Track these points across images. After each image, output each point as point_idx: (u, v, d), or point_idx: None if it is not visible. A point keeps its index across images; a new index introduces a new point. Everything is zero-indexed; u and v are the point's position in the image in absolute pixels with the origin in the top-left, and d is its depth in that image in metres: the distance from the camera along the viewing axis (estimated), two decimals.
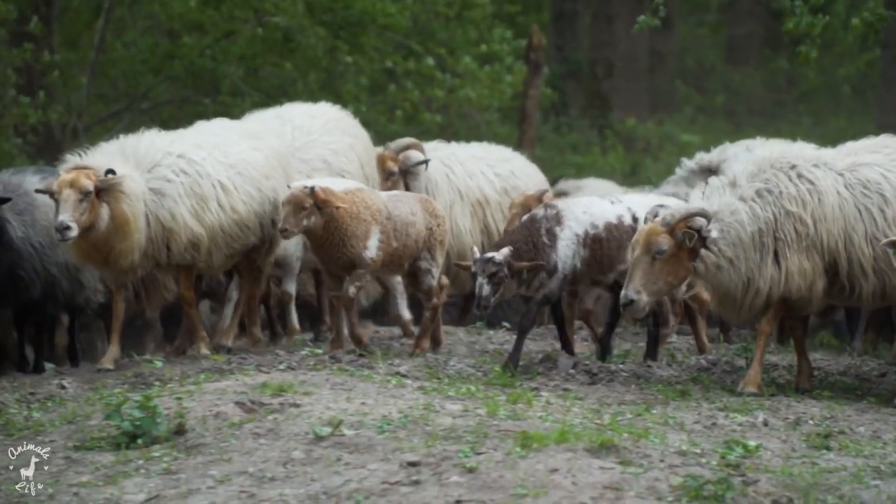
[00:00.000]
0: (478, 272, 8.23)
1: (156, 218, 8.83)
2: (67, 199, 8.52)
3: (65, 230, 8.47)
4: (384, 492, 5.91)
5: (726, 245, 7.99)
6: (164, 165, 8.94)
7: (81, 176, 8.59)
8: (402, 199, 9.25)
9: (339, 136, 10.36)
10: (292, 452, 6.37)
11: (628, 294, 7.92)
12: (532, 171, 12.24)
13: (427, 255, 9.17)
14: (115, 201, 8.65)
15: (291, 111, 10.59)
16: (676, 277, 8.04)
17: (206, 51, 17.40)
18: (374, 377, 7.75)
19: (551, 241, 8.46)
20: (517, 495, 5.79)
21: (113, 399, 7.21)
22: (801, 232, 8.02)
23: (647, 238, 7.98)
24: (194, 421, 6.83)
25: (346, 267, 8.90)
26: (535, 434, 6.38)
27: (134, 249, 8.76)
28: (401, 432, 6.56)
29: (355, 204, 8.82)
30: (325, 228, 8.73)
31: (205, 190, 9.00)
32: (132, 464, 6.44)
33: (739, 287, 8.04)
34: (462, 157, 11.67)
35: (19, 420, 7.38)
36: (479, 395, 7.42)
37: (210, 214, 8.98)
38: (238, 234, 9.16)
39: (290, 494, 5.95)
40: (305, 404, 6.97)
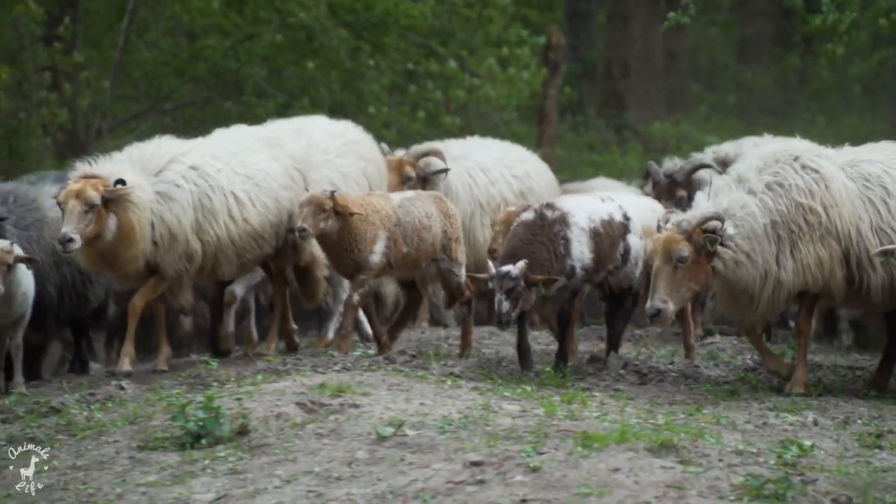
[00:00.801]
0: (495, 288, 8.16)
1: (161, 221, 8.82)
2: (72, 210, 8.51)
3: (67, 242, 8.47)
4: (450, 491, 6.01)
5: (742, 239, 8.05)
6: (173, 170, 8.92)
7: (88, 187, 8.56)
8: (416, 203, 9.31)
9: (354, 159, 10.36)
10: (356, 452, 6.47)
11: (655, 304, 7.96)
12: (544, 170, 12.41)
13: (444, 255, 9.28)
14: (122, 211, 8.63)
15: (312, 126, 10.57)
16: (698, 282, 8.09)
17: (230, 52, 17.48)
18: (429, 378, 7.87)
19: (566, 247, 8.41)
20: (581, 494, 5.89)
21: (173, 400, 7.32)
22: (812, 222, 8.10)
23: (667, 246, 8.01)
24: (256, 421, 6.94)
25: (351, 271, 9.06)
26: (596, 434, 6.49)
27: (138, 257, 8.77)
28: (462, 432, 6.67)
29: (365, 208, 8.97)
30: (339, 233, 8.87)
31: (214, 203, 8.99)
32: (198, 464, 6.55)
33: (758, 281, 8.09)
34: (484, 163, 11.80)
35: (81, 420, 7.50)
36: (535, 395, 7.52)
37: (217, 228, 8.97)
38: (251, 246, 9.16)
39: (357, 494, 6.05)
40: (365, 405, 7.08)
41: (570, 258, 8.37)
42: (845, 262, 8.17)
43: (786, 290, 8.13)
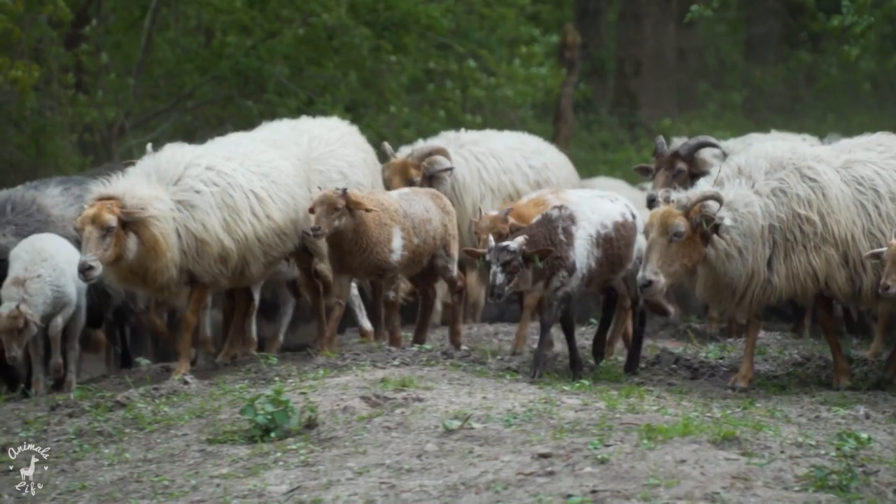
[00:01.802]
0: (492, 260, 8.04)
1: (187, 230, 8.74)
2: (90, 237, 8.37)
3: (87, 270, 8.35)
4: (521, 482, 6.15)
5: (738, 235, 8.16)
6: (191, 176, 8.87)
7: (104, 211, 8.39)
8: (414, 198, 9.42)
9: (354, 149, 10.44)
10: (425, 445, 6.61)
11: (646, 275, 8.06)
12: (563, 162, 12.28)
13: (443, 251, 9.43)
14: (143, 227, 8.53)
15: (308, 123, 10.64)
16: (691, 259, 8.16)
17: (252, 50, 17.59)
18: (487, 372, 8.01)
19: (568, 239, 8.34)
20: (650, 485, 6.03)
21: (237, 394, 7.45)
22: (807, 231, 8.22)
23: (664, 220, 8.12)
24: (323, 415, 7.08)
25: (370, 272, 9.14)
26: (659, 427, 6.64)
27: (169, 266, 8.67)
28: (527, 425, 6.81)
29: (376, 207, 9.02)
30: (355, 232, 8.92)
31: (237, 201, 8.93)
32: (269, 456, 6.69)
33: (742, 279, 8.20)
34: (497, 150, 11.67)
35: (147, 414, 7.63)
36: (593, 389, 7.67)
37: (243, 226, 8.92)
38: (276, 243, 9.14)
39: (429, 486, 6.19)
40: (428, 399, 7.23)
41: (572, 252, 8.30)
42: (845, 264, 8.29)
43: (777, 294, 8.27)
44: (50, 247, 9.22)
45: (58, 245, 9.30)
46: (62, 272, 9.15)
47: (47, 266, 9.08)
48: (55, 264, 9.12)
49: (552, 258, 8.20)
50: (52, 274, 9.09)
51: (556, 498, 5.94)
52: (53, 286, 9.11)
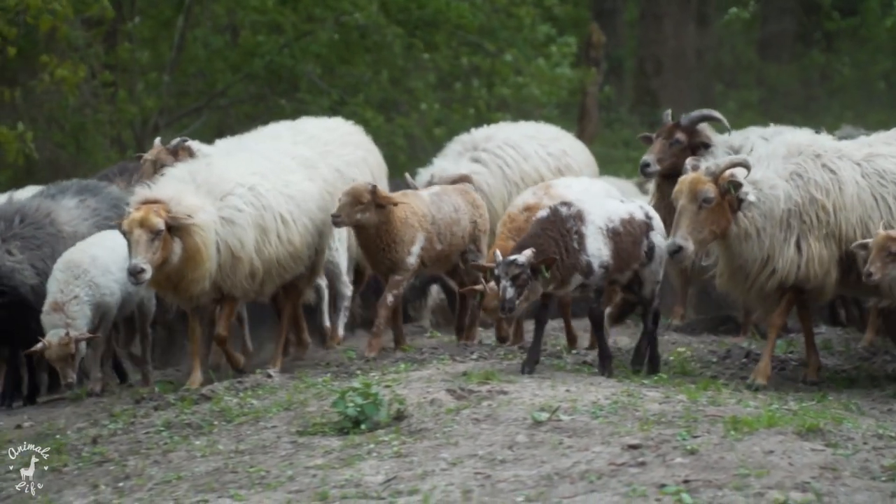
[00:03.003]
0: (501, 275, 7.99)
1: (226, 245, 8.76)
2: (139, 240, 8.37)
3: (139, 273, 8.36)
4: (613, 472, 6.30)
5: (759, 214, 8.26)
6: (237, 195, 8.90)
7: (151, 214, 8.41)
8: (444, 198, 9.50)
9: (353, 149, 10.53)
10: (516, 436, 6.76)
11: (677, 241, 8.13)
12: (581, 148, 12.27)
13: (473, 246, 9.53)
14: (187, 234, 8.54)
15: (306, 123, 10.75)
16: (719, 227, 8.22)
17: (285, 49, 17.76)
18: (564, 366, 8.17)
19: (580, 242, 8.22)
20: (740, 475, 6.17)
21: (320, 387, 7.60)
22: (822, 219, 8.32)
23: (693, 186, 8.20)
24: (411, 407, 7.24)
25: (387, 270, 9.22)
26: (745, 419, 6.80)
27: (205, 277, 8.69)
28: (613, 417, 6.97)
29: (404, 209, 9.12)
30: (377, 228, 9.00)
31: (267, 223, 8.97)
32: (362, 447, 6.84)
33: (757, 262, 8.29)
34: (513, 139, 11.65)
35: (234, 407, 7.77)
36: (671, 382, 7.82)
37: (269, 247, 8.96)
38: (291, 266, 9.20)
39: (524, 475, 6.33)
40: (512, 392, 7.38)
41: (584, 253, 8.22)
42: (843, 264, 8.39)
43: (777, 278, 8.33)
44: (85, 259, 9.16)
45: (94, 254, 9.21)
46: (98, 286, 9.11)
47: (82, 283, 9.04)
48: (90, 279, 9.07)
49: (566, 264, 8.14)
50: (88, 292, 9.05)
51: (650, 488, 6.08)
52: (92, 304, 9.09)
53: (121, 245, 9.15)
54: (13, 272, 9.30)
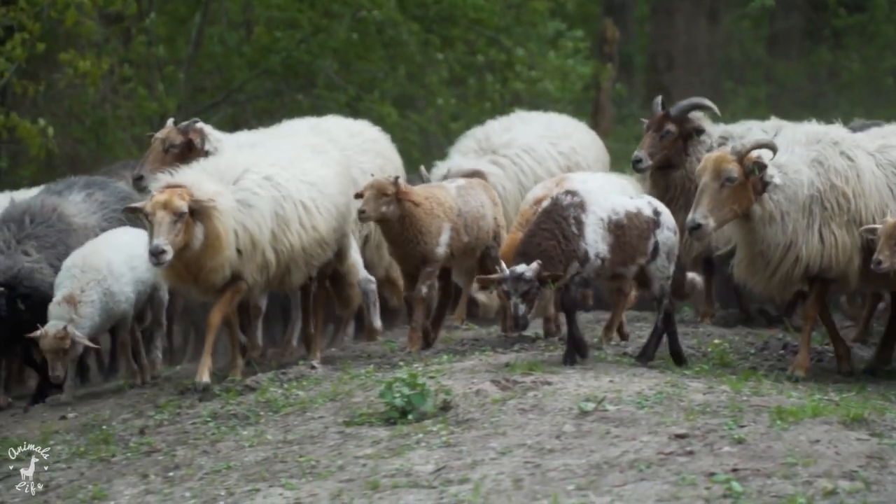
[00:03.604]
0: (510, 292, 7.85)
1: (244, 229, 8.70)
2: (161, 221, 8.32)
3: (160, 254, 8.27)
4: (662, 461, 6.37)
5: (784, 198, 8.30)
6: (249, 179, 8.86)
7: (175, 197, 8.38)
8: (471, 193, 9.51)
9: (372, 157, 10.49)
10: (563, 426, 6.83)
11: (696, 218, 8.15)
12: (590, 142, 12.18)
13: (494, 242, 9.51)
14: (208, 219, 8.49)
15: (328, 124, 10.68)
16: (740, 207, 8.23)
17: (302, 45, 17.81)
18: (605, 357, 8.24)
19: (578, 228, 8.09)
20: (788, 464, 6.24)
21: (363, 378, 7.67)
22: (843, 206, 8.36)
23: (717, 165, 8.21)
24: (457, 397, 7.31)
25: (417, 263, 9.19)
26: (790, 409, 6.88)
27: (224, 266, 8.63)
28: (658, 407, 7.05)
29: (429, 201, 9.13)
30: (401, 222, 9.00)
31: (287, 213, 8.91)
32: (411, 437, 6.91)
33: (780, 248, 8.30)
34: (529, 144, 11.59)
35: (280, 397, 7.84)
36: (712, 373, 7.90)
37: (291, 237, 8.90)
38: (318, 252, 9.15)
39: (573, 464, 6.40)
40: (557, 382, 7.46)
41: (583, 240, 8.07)
42: (863, 253, 8.40)
43: (803, 267, 8.35)
44: (103, 263, 9.13)
45: (110, 259, 9.17)
46: (112, 294, 9.10)
47: (100, 289, 9.03)
48: (107, 287, 9.06)
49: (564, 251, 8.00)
50: (103, 298, 9.04)
51: (699, 476, 6.15)
52: (104, 311, 9.07)
53: (133, 243, 9.27)
54: (32, 272, 9.33)
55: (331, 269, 9.68)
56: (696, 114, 9.91)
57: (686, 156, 9.80)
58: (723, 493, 5.94)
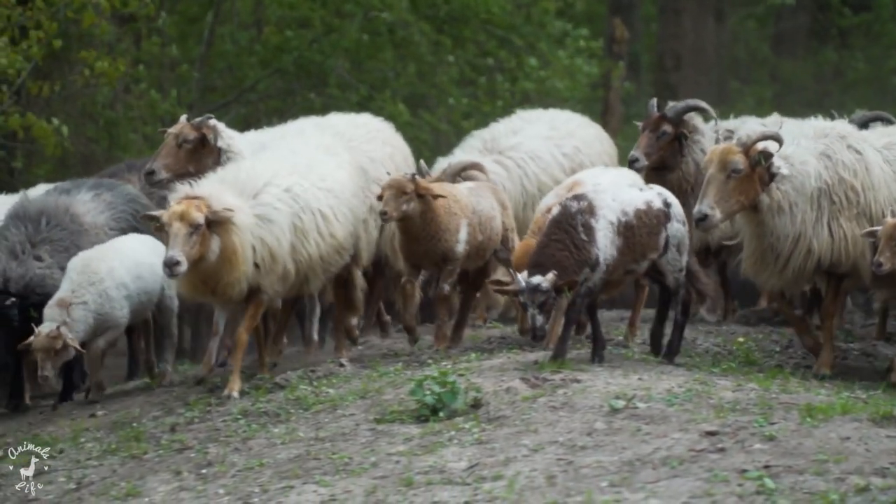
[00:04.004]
0: (528, 304, 7.88)
1: (262, 243, 8.67)
2: (178, 232, 8.28)
3: (174, 265, 8.22)
4: (694, 458, 6.41)
5: (792, 189, 8.35)
6: (270, 193, 8.82)
7: (192, 208, 8.35)
8: (482, 193, 9.54)
9: (380, 145, 10.48)
10: (594, 424, 6.88)
11: (702, 209, 8.20)
12: (594, 138, 12.04)
13: (504, 245, 9.53)
14: (225, 232, 8.46)
15: (333, 119, 10.71)
16: (747, 197, 8.28)
17: (314, 44, 17.85)
18: (632, 355, 8.29)
19: (589, 235, 8.10)
20: (819, 461, 6.28)
21: (392, 376, 7.71)
22: (851, 199, 8.42)
23: (723, 156, 8.26)
24: (488, 395, 7.36)
25: (436, 261, 9.20)
26: (819, 406, 6.93)
27: (241, 280, 8.60)
28: (688, 405, 7.09)
29: (446, 199, 9.11)
30: (422, 218, 9.00)
31: (306, 224, 8.87)
32: (443, 434, 6.96)
33: (790, 240, 8.36)
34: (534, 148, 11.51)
35: (310, 395, 7.89)
36: (739, 371, 7.95)
37: (309, 247, 8.88)
38: (336, 259, 9.17)
39: (605, 461, 6.45)
40: (586, 380, 7.51)
41: (594, 247, 8.09)
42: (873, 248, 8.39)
43: (815, 260, 8.39)
44: (103, 267, 9.08)
45: (112, 265, 9.12)
46: (109, 298, 9.03)
47: (94, 291, 8.97)
48: (103, 289, 9.00)
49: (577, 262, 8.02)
50: (97, 300, 8.98)
51: (732, 473, 6.19)
52: (98, 314, 9.01)
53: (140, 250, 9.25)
54: (44, 279, 9.29)
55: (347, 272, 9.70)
56: (691, 115, 9.92)
57: (681, 157, 9.80)
58: (756, 490, 5.98)
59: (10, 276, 9.16)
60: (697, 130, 9.80)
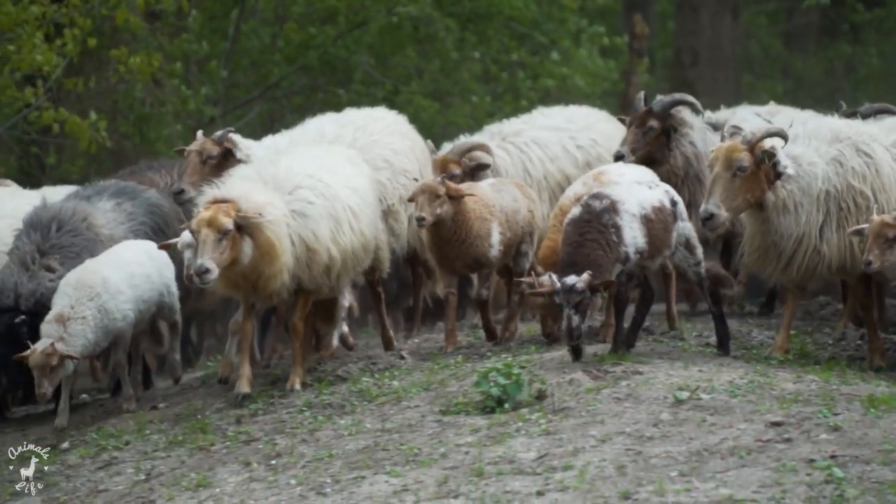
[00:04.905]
0: (563, 304, 7.86)
1: (300, 238, 8.58)
2: (206, 239, 8.16)
3: (204, 273, 8.10)
4: (761, 448, 6.51)
5: (797, 189, 8.38)
6: (306, 187, 8.74)
7: (220, 214, 8.20)
8: (503, 188, 9.53)
9: (399, 138, 10.45)
10: (660, 415, 6.98)
11: (709, 208, 8.22)
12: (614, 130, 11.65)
13: (528, 238, 9.51)
14: (257, 231, 8.33)
15: (352, 115, 10.67)
16: (753, 196, 8.31)
17: (339, 40, 17.94)
18: (689, 347, 8.39)
19: (617, 234, 8.10)
20: (885, 451, 6.38)
21: (453, 368, 7.81)
22: (861, 204, 8.44)
23: (729, 154, 8.27)
24: (551, 387, 7.46)
25: (469, 266, 9.21)
26: (882, 397, 7.04)
27: (283, 271, 8.47)
28: (751, 396, 7.20)
29: (475, 203, 9.08)
30: (454, 222, 8.98)
31: (339, 213, 8.83)
32: (510, 426, 7.05)
33: (793, 239, 8.39)
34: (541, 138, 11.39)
35: (373, 388, 7.98)
36: (797, 363, 8.06)
37: (344, 237, 8.85)
38: (362, 258, 9.12)
39: (674, 451, 6.55)
40: (647, 372, 7.61)
41: (623, 244, 8.11)
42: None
43: (825, 264, 8.43)
44: (98, 281, 8.81)
45: (105, 276, 8.85)
46: (108, 311, 8.78)
47: (93, 307, 8.73)
48: (101, 303, 8.75)
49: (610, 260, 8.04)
50: (97, 316, 8.73)
51: (799, 463, 6.30)
52: (97, 329, 8.75)
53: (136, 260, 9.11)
54: (52, 292, 8.96)
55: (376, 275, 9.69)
56: (678, 109, 9.86)
57: (668, 151, 9.80)
58: (824, 479, 6.09)
59: (21, 291, 8.96)
60: (686, 124, 9.77)
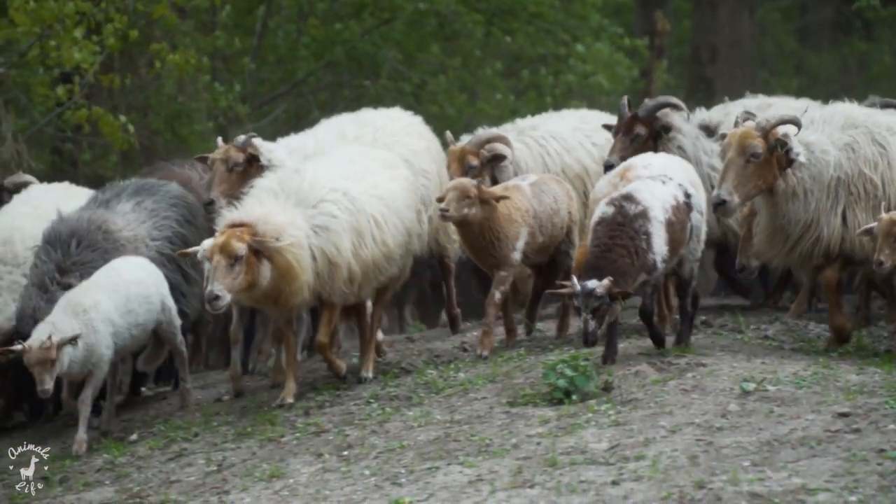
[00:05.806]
0: (581, 308, 7.73)
1: (322, 252, 8.48)
2: (218, 265, 8.05)
3: (214, 300, 8.01)
4: (831, 438, 6.61)
5: (809, 176, 8.42)
6: (330, 201, 8.65)
7: (233, 240, 8.07)
8: (545, 189, 9.47)
9: (417, 139, 10.44)
10: (727, 406, 7.08)
11: (721, 194, 8.22)
12: None
13: (567, 238, 9.50)
14: (277, 254, 8.22)
15: (370, 115, 10.66)
16: (765, 182, 8.33)
17: (366, 36, 18.05)
18: (746, 340, 8.50)
19: (647, 242, 7.96)
20: None
21: (517, 360, 7.92)
22: (869, 192, 8.51)
23: (742, 141, 8.27)
24: (618, 378, 7.56)
25: (492, 266, 9.22)
26: None
27: (303, 288, 8.39)
28: (816, 387, 7.31)
29: (507, 206, 9.09)
30: (482, 225, 9.00)
31: (362, 225, 8.73)
32: (580, 417, 7.16)
33: (800, 224, 8.44)
34: (558, 131, 11.33)
35: (439, 380, 8.09)
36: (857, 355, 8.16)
37: (365, 250, 8.76)
38: (385, 268, 8.99)
39: (745, 441, 6.65)
40: (710, 364, 7.72)
41: (651, 252, 7.96)
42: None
43: (823, 247, 8.48)
44: (88, 301, 8.54)
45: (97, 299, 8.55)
46: (96, 331, 8.47)
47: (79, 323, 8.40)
48: (88, 320, 8.46)
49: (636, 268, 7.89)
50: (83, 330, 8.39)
51: (870, 452, 6.39)
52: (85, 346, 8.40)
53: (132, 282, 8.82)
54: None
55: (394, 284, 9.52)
56: (665, 112, 9.75)
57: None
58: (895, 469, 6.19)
59: (38, 317, 8.64)
60: (673, 127, 9.68)
